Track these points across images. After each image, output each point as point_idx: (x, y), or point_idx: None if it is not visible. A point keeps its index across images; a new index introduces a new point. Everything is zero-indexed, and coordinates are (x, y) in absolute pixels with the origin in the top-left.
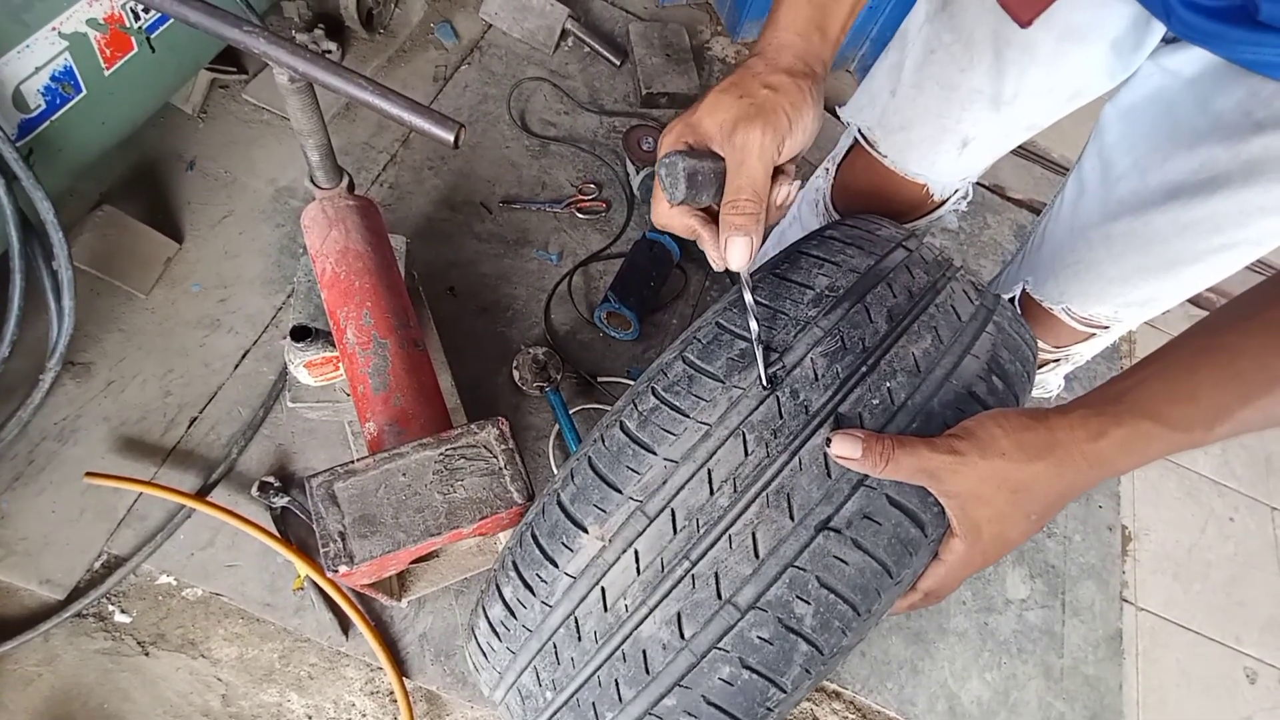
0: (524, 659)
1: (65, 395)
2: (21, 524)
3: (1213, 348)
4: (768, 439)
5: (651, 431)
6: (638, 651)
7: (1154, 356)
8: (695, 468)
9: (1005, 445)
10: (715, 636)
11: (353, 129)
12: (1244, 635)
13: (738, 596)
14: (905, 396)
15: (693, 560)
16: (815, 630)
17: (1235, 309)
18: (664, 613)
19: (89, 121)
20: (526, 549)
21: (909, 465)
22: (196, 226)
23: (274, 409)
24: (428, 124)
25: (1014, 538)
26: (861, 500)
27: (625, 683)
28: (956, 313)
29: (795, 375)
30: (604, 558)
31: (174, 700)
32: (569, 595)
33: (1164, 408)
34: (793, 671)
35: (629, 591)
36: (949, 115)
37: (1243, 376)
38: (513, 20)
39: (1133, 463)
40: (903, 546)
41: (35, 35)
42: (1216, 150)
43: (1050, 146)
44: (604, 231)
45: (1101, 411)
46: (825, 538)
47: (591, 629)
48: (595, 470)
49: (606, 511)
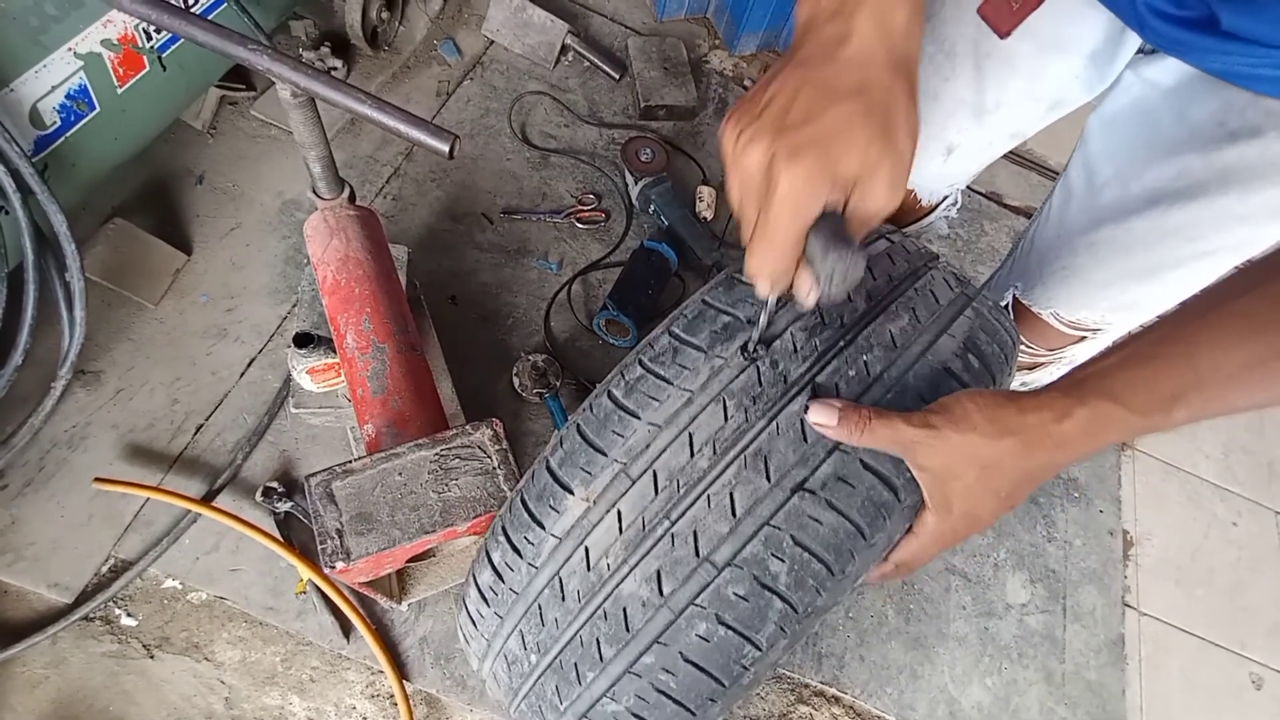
0: (510, 623)
1: (76, 403)
2: (31, 529)
3: (1173, 337)
4: (747, 405)
5: (637, 398)
6: (618, 609)
7: (1122, 342)
8: (677, 431)
9: (977, 420)
10: (693, 593)
11: (357, 143)
12: (1249, 641)
13: (715, 554)
14: (881, 369)
15: (672, 520)
16: (790, 587)
17: (1202, 299)
18: (644, 570)
19: (102, 138)
20: (515, 514)
21: (885, 436)
22: (205, 239)
23: (278, 415)
24: (423, 135)
25: (983, 515)
26: (836, 463)
27: (606, 641)
28: (935, 296)
29: (775, 347)
30: (588, 518)
31: (178, 703)
32: (554, 556)
33: (1124, 392)
34: (768, 629)
35: (611, 550)
36: (934, 123)
37: (1199, 366)
38: (514, 36)
39: (1095, 444)
40: (876, 509)
41: (52, 55)
42: (1193, 159)
43: (1046, 154)
44: (603, 241)
45: (1067, 393)
46: (800, 498)
47: (575, 588)
48: (583, 435)
49: (592, 474)
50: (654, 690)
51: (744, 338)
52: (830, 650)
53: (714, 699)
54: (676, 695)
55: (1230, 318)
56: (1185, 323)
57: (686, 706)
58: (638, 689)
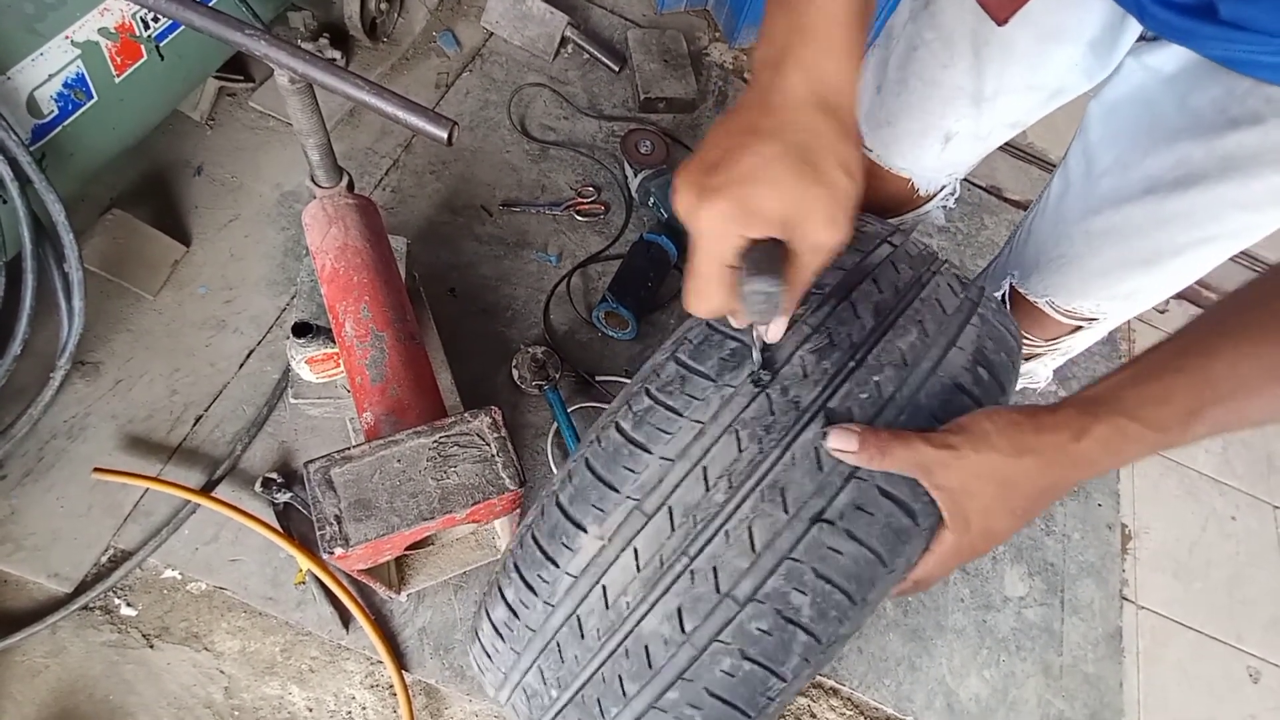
0: (528, 659)
1: (74, 394)
2: (31, 519)
3: (1190, 350)
4: (760, 435)
5: (647, 431)
6: (640, 647)
7: (1139, 357)
8: (690, 465)
9: (996, 440)
10: (715, 629)
11: (356, 134)
12: (1246, 634)
13: (736, 590)
14: (893, 390)
15: (691, 556)
16: (813, 620)
17: (1218, 312)
18: (664, 608)
19: (100, 127)
20: (528, 550)
21: (904, 458)
22: (203, 230)
23: (277, 407)
24: (421, 122)
25: (1000, 531)
26: (853, 492)
27: (629, 678)
28: (941, 306)
29: (785, 372)
30: (604, 556)
31: (177, 692)
32: (571, 594)
33: (1141, 408)
34: (792, 661)
35: (629, 589)
36: (932, 111)
37: (1214, 379)
38: (513, 28)
39: (1114, 461)
40: (895, 535)
41: (49, 44)
42: (1193, 147)
43: (1047, 149)
44: (602, 233)
45: (1084, 411)
46: (819, 529)
47: (594, 626)
48: (593, 471)
49: (605, 511)
50: None
51: (752, 365)
52: None
53: None
54: None
55: (1244, 329)
56: (1200, 336)
57: None
58: None
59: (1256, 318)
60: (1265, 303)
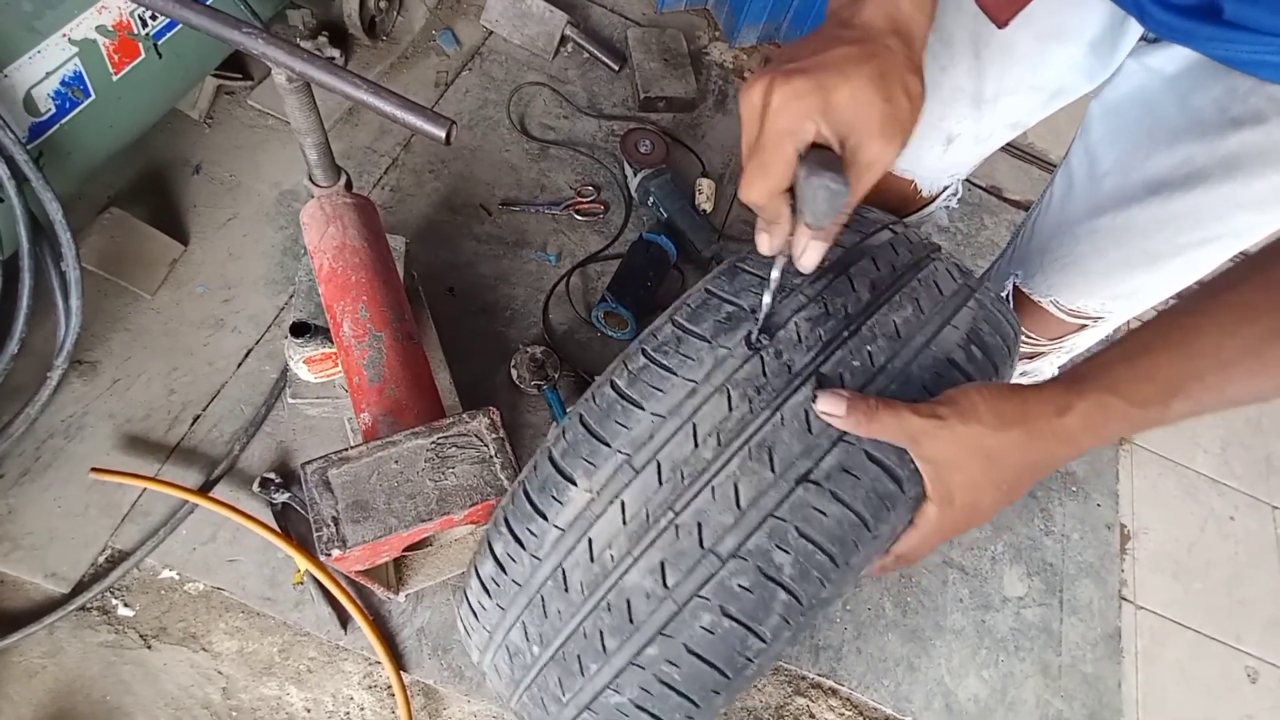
0: (513, 614)
1: (72, 393)
2: (28, 519)
3: (1174, 327)
4: (751, 396)
5: (640, 388)
6: (622, 601)
7: (1124, 336)
8: (680, 422)
9: (982, 412)
10: (697, 585)
11: (355, 133)
12: (1245, 634)
13: (719, 545)
14: (885, 360)
15: (677, 511)
16: (794, 579)
17: (1202, 291)
18: (648, 562)
19: (97, 125)
20: (518, 504)
21: (892, 426)
22: (202, 229)
23: (275, 406)
24: (419, 121)
25: (984, 507)
26: (840, 455)
27: (610, 633)
28: (938, 287)
29: (779, 337)
30: (591, 510)
31: (175, 693)
32: (557, 547)
33: (1123, 385)
34: (772, 620)
35: (615, 542)
36: (933, 112)
37: (1196, 356)
38: (513, 27)
39: (1095, 438)
40: (880, 500)
41: (46, 41)
42: (1195, 147)
43: (1048, 149)
44: (602, 233)
45: (1068, 387)
46: (805, 490)
47: (578, 580)
48: (586, 426)
49: (595, 465)
50: (657, 682)
51: (748, 327)
52: (828, 642)
53: (717, 690)
54: (680, 687)
55: (1225, 306)
56: (1182, 314)
57: (690, 698)
58: (641, 681)
59: (1236, 296)
60: (1247, 283)
